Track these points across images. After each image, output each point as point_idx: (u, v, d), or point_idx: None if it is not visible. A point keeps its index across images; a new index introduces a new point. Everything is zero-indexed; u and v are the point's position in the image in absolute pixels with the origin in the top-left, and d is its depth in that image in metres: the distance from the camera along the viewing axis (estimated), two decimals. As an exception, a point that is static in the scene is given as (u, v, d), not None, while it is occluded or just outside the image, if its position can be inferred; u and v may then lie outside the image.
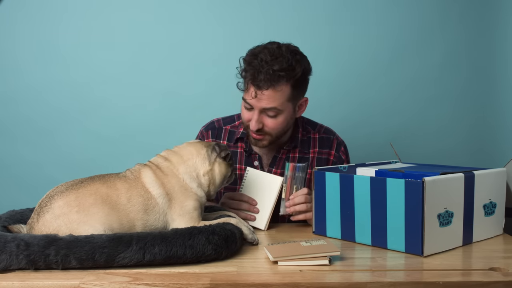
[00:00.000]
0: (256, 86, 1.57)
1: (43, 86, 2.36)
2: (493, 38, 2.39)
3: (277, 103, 1.60)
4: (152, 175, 1.37)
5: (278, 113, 1.62)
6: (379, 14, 2.38)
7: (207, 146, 1.45)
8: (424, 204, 1.26)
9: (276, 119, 1.64)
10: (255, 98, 1.59)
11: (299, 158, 1.78)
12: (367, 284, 1.10)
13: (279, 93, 1.58)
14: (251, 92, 1.60)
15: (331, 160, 1.80)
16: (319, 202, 1.50)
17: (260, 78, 1.55)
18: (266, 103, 1.59)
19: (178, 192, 1.38)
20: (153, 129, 2.38)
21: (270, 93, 1.57)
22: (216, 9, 2.35)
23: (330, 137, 1.83)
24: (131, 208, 1.32)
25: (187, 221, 1.36)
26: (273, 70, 1.55)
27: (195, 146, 1.45)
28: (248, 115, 1.66)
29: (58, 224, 1.24)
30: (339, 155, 1.81)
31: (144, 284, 1.10)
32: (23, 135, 2.38)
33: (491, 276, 1.13)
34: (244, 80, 1.64)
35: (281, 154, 1.79)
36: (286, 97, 1.61)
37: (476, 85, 2.43)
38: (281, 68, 1.56)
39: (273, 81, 1.55)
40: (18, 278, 1.12)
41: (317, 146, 1.80)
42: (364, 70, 2.41)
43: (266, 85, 1.55)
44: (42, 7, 2.34)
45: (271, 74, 1.55)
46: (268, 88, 1.56)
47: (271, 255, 1.23)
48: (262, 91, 1.57)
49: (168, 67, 2.38)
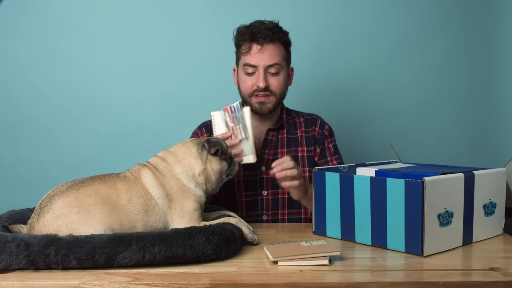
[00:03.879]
0: (257, 43, 1.72)
1: (44, 85, 2.36)
2: (493, 39, 2.39)
3: (279, 59, 1.74)
4: (152, 176, 1.37)
5: (280, 70, 1.75)
6: (379, 14, 2.38)
7: (198, 143, 1.45)
8: (424, 204, 1.26)
9: (278, 77, 1.75)
10: (259, 55, 1.72)
11: (287, 139, 1.85)
12: (367, 284, 1.10)
13: (277, 49, 1.74)
14: (254, 50, 1.73)
15: (315, 136, 1.87)
16: (319, 202, 1.50)
17: (260, 35, 1.72)
18: (269, 58, 1.72)
19: (177, 193, 1.38)
20: (153, 129, 2.37)
21: (271, 48, 1.73)
22: (216, 10, 2.35)
23: (314, 117, 1.92)
24: (132, 209, 1.32)
25: (187, 222, 1.36)
26: (269, 28, 1.73)
27: (187, 145, 1.46)
28: (251, 80, 1.75)
29: (58, 224, 1.24)
30: (323, 132, 1.87)
31: (144, 284, 1.10)
32: (24, 134, 2.38)
33: (491, 276, 1.13)
34: (243, 45, 1.76)
35: (271, 136, 1.84)
36: (283, 55, 1.76)
37: (476, 85, 2.43)
38: (274, 26, 1.76)
39: (272, 36, 1.72)
40: (18, 278, 1.12)
41: (303, 126, 1.88)
42: (364, 70, 2.40)
43: (267, 40, 1.72)
44: (43, 7, 2.34)
45: (269, 30, 1.73)
46: (269, 43, 1.72)
47: (271, 255, 1.23)
48: (264, 45, 1.72)
49: (168, 67, 2.38)
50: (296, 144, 1.85)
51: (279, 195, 1.81)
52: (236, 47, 1.81)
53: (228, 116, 1.68)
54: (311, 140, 1.86)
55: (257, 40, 1.72)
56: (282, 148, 1.84)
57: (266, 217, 1.81)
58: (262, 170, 1.82)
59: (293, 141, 1.85)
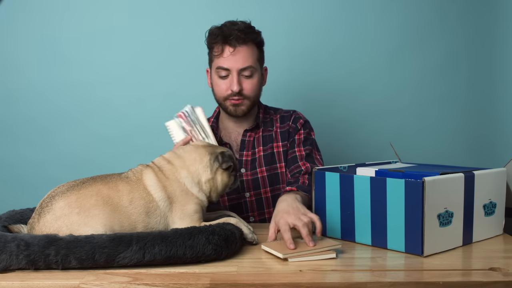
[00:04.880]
0: (230, 45, 1.71)
1: (44, 86, 2.37)
2: (493, 39, 2.39)
3: (252, 61, 1.73)
4: (154, 178, 1.37)
5: (253, 72, 1.74)
6: (379, 14, 2.38)
7: (211, 153, 1.43)
8: (424, 204, 1.26)
9: (252, 80, 1.75)
10: (232, 58, 1.70)
11: (263, 137, 1.84)
12: (367, 284, 1.10)
13: (250, 51, 1.73)
14: (226, 52, 1.71)
15: (289, 131, 1.85)
16: (319, 202, 1.50)
17: (232, 37, 1.70)
18: (242, 62, 1.71)
19: (179, 196, 1.37)
20: (153, 129, 2.37)
21: (244, 50, 1.71)
22: (216, 10, 2.35)
23: (290, 113, 1.89)
24: (133, 210, 1.31)
25: (188, 224, 1.36)
26: (240, 29, 1.71)
27: (199, 152, 1.43)
28: (225, 83, 1.74)
29: (59, 225, 1.24)
30: (296, 126, 1.85)
31: (144, 284, 1.10)
32: (24, 135, 2.38)
33: (491, 276, 1.13)
34: (215, 47, 1.75)
35: (248, 137, 1.85)
36: (256, 56, 1.76)
37: (476, 85, 2.43)
38: (246, 27, 1.74)
39: (244, 38, 1.71)
40: (18, 278, 1.12)
41: (278, 123, 1.87)
42: (364, 70, 2.40)
43: (239, 42, 1.70)
44: (43, 6, 2.34)
45: (241, 31, 1.71)
46: (242, 45, 1.71)
47: (279, 253, 1.25)
48: (237, 48, 1.70)
49: (168, 67, 2.38)
50: (271, 140, 1.84)
51: (261, 195, 1.81)
52: (208, 48, 1.80)
53: (183, 121, 1.69)
54: (286, 135, 1.85)
55: (229, 42, 1.70)
56: (258, 147, 1.83)
57: (253, 218, 1.81)
58: (242, 172, 1.81)
59: (268, 138, 1.84)
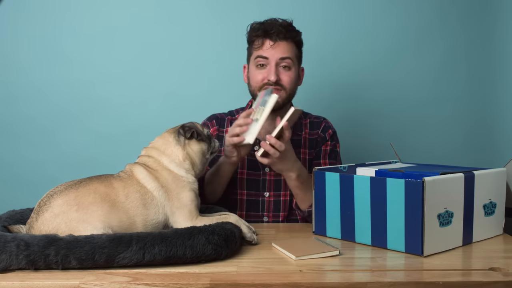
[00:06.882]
0: (270, 38, 1.73)
1: (45, 85, 2.36)
2: (492, 40, 2.39)
3: (291, 54, 1.74)
4: (144, 171, 1.41)
5: (291, 65, 1.75)
6: (378, 15, 2.38)
7: (173, 132, 1.49)
8: (424, 204, 1.26)
9: (289, 72, 1.75)
10: (272, 50, 1.72)
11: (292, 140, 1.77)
12: (367, 284, 1.10)
13: (290, 46, 1.75)
14: (266, 45, 1.73)
15: (317, 140, 1.86)
16: (319, 202, 1.50)
17: (273, 31, 1.72)
18: (281, 52, 1.72)
19: (172, 183, 1.41)
20: (154, 129, 2.34)
21: (284, 44, 1.73)
22: (217, 10, 2.35)
23: (320, 120, 1.91)
24: (130, 204, 1.33)
25: (186, 214, 1.39)
26: (283, 25, 1.74)
27: (163, 136, 1.50)
28: (261, 74, 1.74)
29: (58, 222, 1.24)
30: (324, 135, 1.86)
31: (144, 284, 1.10)
32: (24, 134, 2.38)
33: (491, 276, 1.13)
34: (255, 41, 1.76)
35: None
36: (295, 53, 1.77)
37: (476, 85, 2.43)
38: (288, 24, 1.76)
39: (285, 33, 1.73)
40: (18, 278, 1.12)
41: (308, 128, 1.88)
42: (364, 71, 2.40)
43: (280, 37, 1.73)
44: (44, 6, 2.34)
45: (283, 27, 1.74)
46: (282, 40, 1.73)
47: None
48: (277, 42, 1.73)
49: (169, 67, 2.38)
50: (299, 145, 1.84)
51: (280, 197, 1.81)
52: (248, 43, 1.81)
53: (259, 96, 1.68)
54: (313, 143, 1.85)
55: (270, 36, 1.73)
56: None
57: (267, 219, 1.81)
58: (266, 171, 1.81)
59: (296, 143, 1.82)
